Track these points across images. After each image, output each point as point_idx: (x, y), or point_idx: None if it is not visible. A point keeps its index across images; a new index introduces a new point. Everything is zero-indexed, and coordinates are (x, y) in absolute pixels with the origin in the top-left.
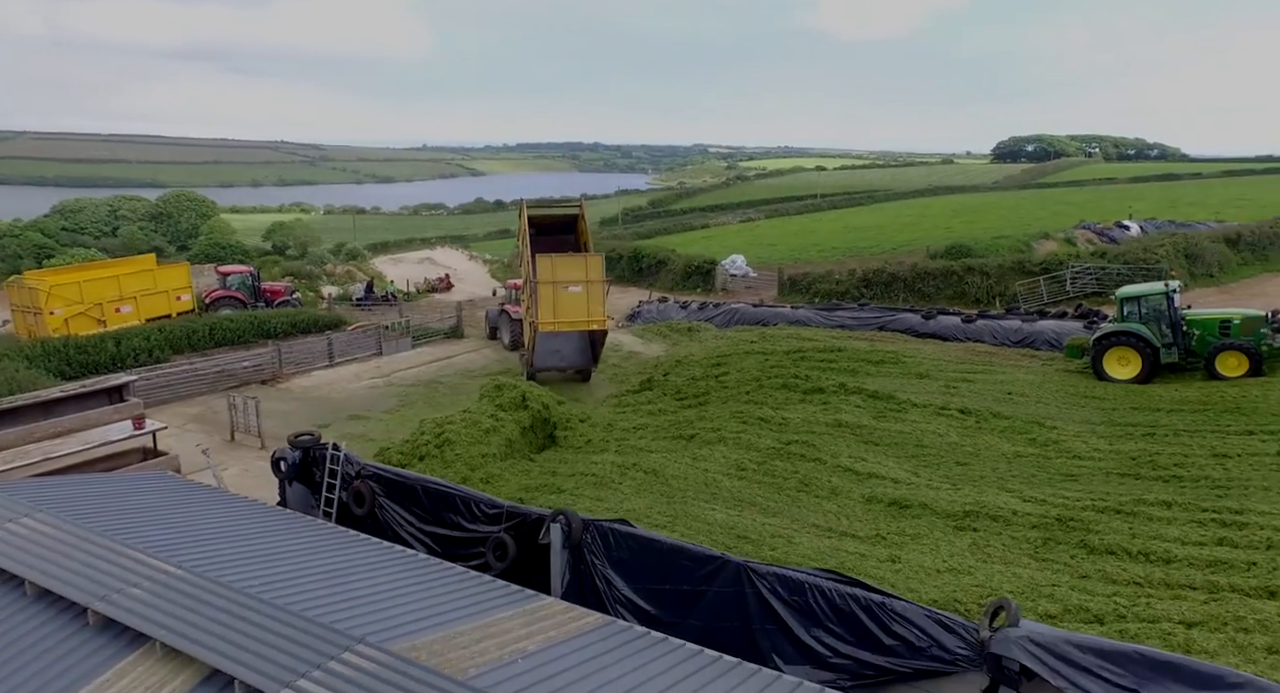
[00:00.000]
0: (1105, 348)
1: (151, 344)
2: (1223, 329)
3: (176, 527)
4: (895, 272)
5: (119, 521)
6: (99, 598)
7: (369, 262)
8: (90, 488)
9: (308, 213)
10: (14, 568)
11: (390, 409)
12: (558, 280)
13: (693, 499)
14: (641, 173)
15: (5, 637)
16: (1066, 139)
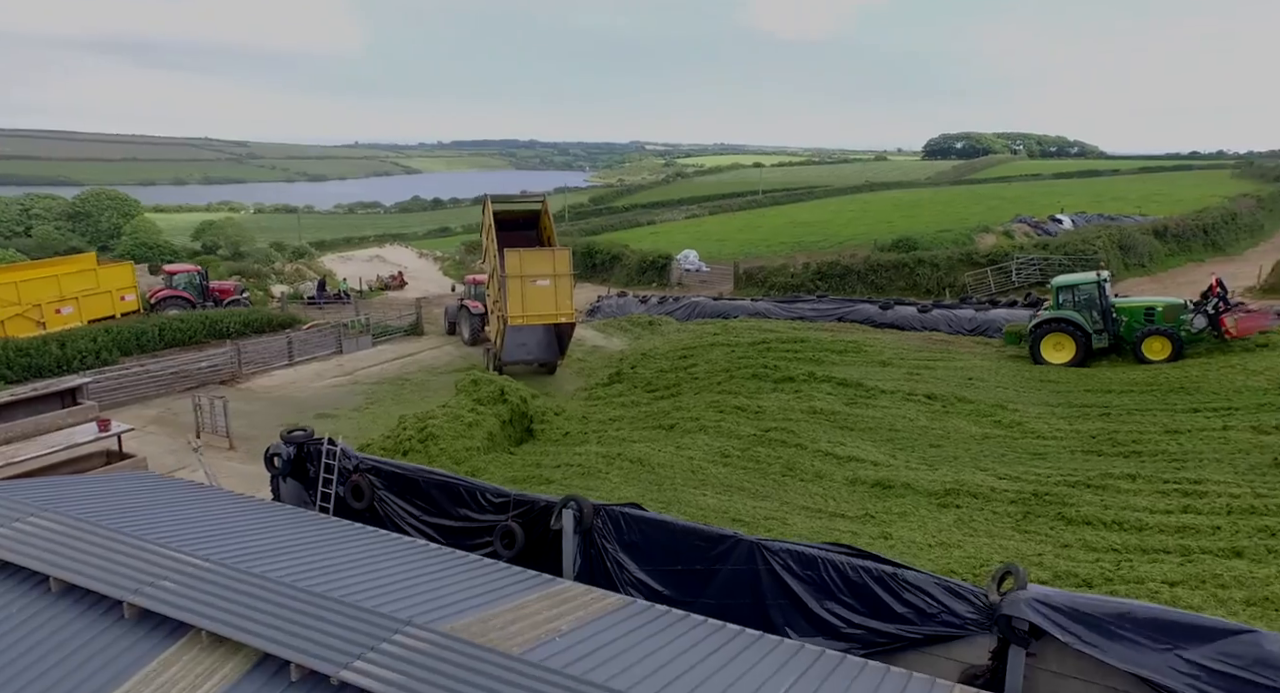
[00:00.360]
0: (1042, 334)
1: (98, 346)
2: (1147, 316)
3: (184, 523)
4: (849, 264)
5: (126, 518)
6: (132, 592)
7: (317, 260)
8: (83, 488)
9: (237, 212)
10: (36, 565)
11: (358, 407)
12: (526, 275)
13: (681, 486)
14: (579, 170)
15: (37, 634)
16: (993, 137)
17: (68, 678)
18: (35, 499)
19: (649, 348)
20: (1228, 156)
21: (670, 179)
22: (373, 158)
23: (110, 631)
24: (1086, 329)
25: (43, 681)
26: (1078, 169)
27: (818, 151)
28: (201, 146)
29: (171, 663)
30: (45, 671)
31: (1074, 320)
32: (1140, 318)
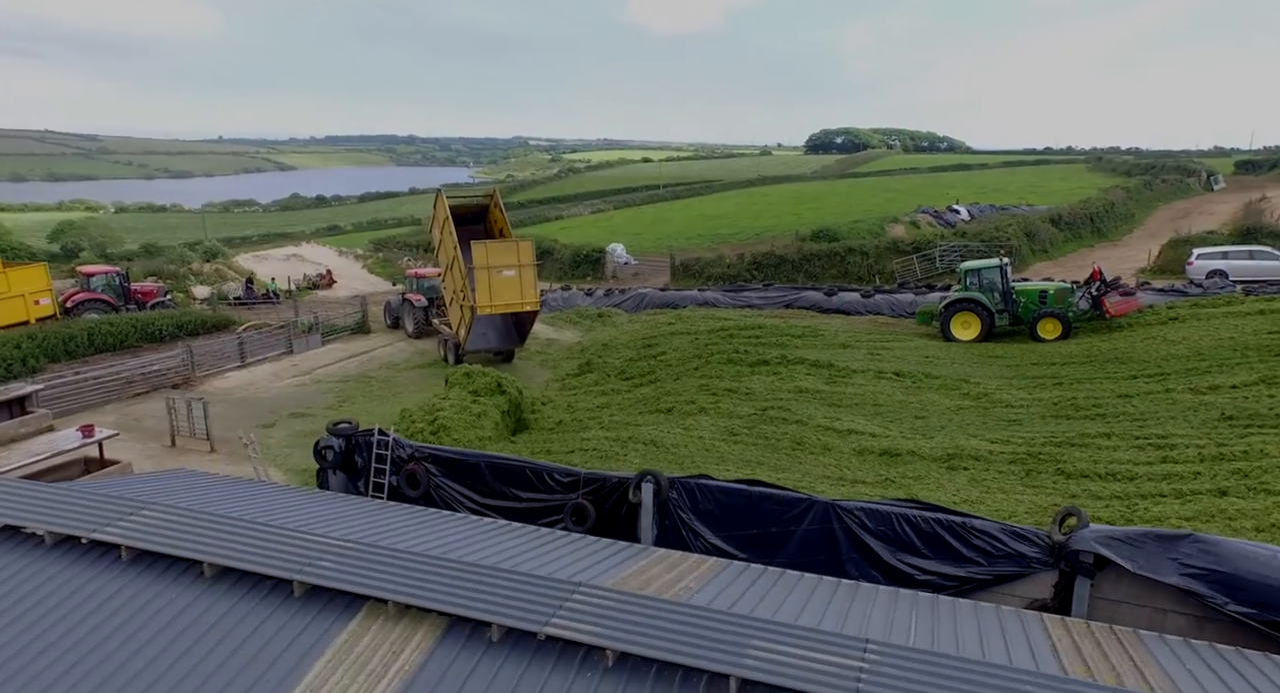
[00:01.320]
0: (951, 313)
1: (24, 352)
2: (1041, 299)
3: (281, 510)
4: (783, 254)
5: (228, 508)
6: (297, 571)
7: (233, 259)
8: (141, 486)
9: (95, 211)
10: (186, 553)
11: (330, 406)
12: (492, 266)
13: (701, 464)
14: (463, 166)
15: (207, 618)
16: (870, 132)
17: (260, 657)
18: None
19: (608, 339)
20: (1076, 152)
21: (563, 174)
22: (241, 153)
23: (283, 609)
24: (990, 309)
25: (236, 659)
26: (951, 164)
27: (702, 147)
28: (41, 139)
29: (360, 634)
30: (235, 649)
31: (980, 301)
32: (1035, 300)
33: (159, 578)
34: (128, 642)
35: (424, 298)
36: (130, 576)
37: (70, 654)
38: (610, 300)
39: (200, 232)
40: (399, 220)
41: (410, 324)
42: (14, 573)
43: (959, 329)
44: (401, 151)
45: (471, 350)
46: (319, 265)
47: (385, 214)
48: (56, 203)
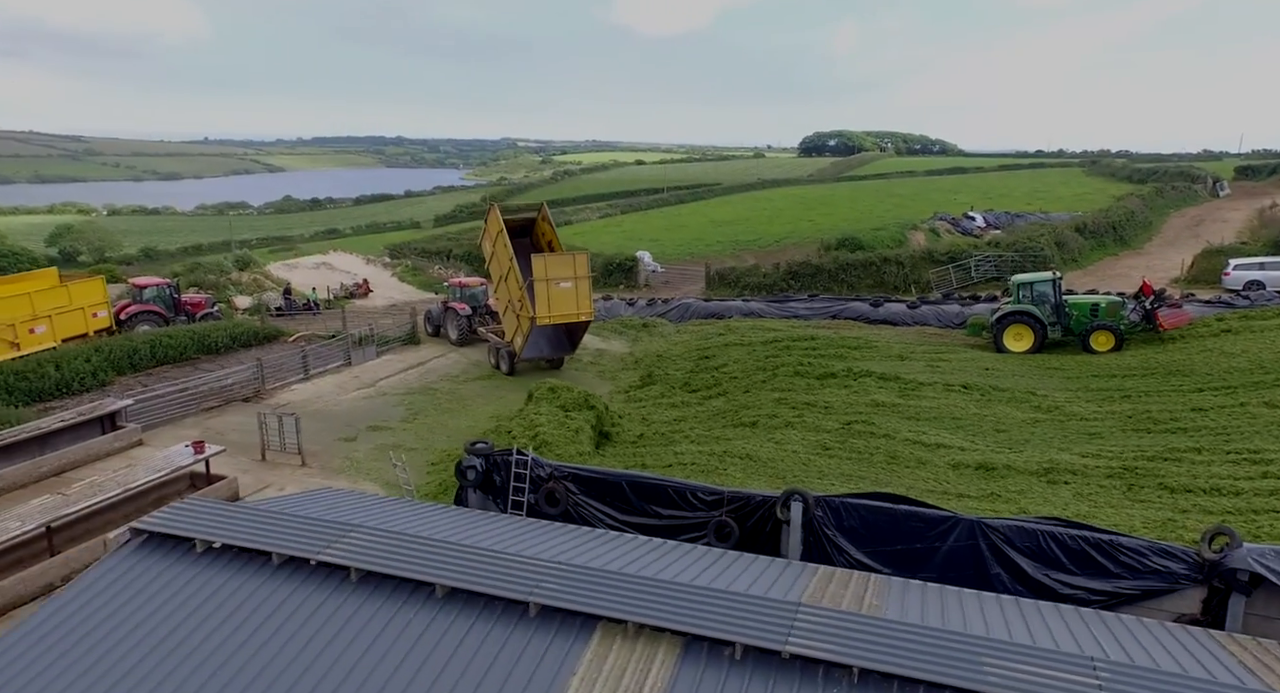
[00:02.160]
0: (1004, 325)
1: (93, 366)
2: (1093, 312)
3: (460, 530)
4: (820, 264)
5: (412, 527)
6: (527, 593)
7: (265, 268)
8: (313, 505)
9: (88, 214)
10: (419, 574)
11: (405, 419)
12: (551, 278)
13: (803, 478)
14: (453, 168)
15: (448, 636)
16: (863, 135)
17: (515, 671)
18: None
19: (661, 350)
20: (1068, 155)
21: (558, 177)
22: (229, 155)
23: (521, 629)
24: (1043, 321)
25: (491, 676)
26: (947, 167)
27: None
28: (27, 140)
29: (604, 653)
30: (487, 666)
31: (1034, 313)
32: (1087, 313)
33: (390, 598)
34: (382, 661)
35: (468, 306)
36: (361, 596)
37: (314, 671)
38: (654, 310)
39: (199, 235)
40: (398, 223)
41: (454, 332)
42: (252, 592)
43: (1011, 341)
44: (390, 153)
45: (526, 359)
46: (349, 274)
47: (383, 217)
48: (48, 206)
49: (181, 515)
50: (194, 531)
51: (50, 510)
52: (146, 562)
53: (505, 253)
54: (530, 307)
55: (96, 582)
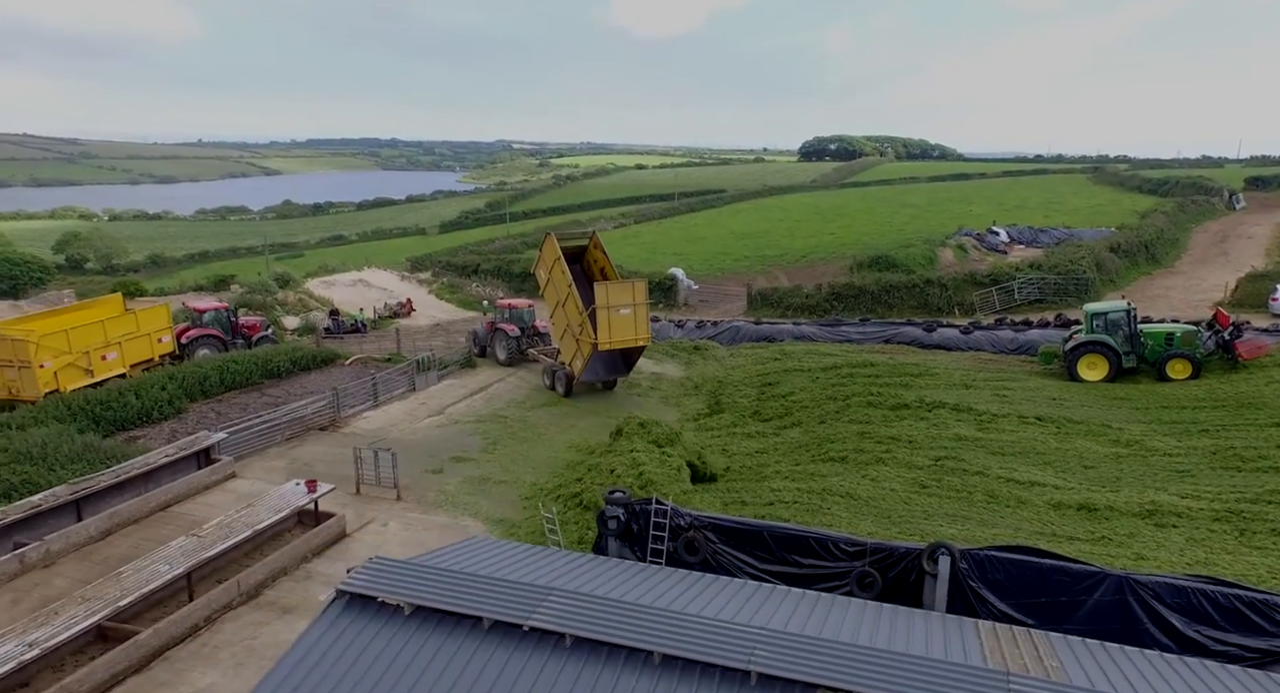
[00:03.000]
0: (1079, 355)
1: (169, 394)
2: (1168, 341)
3: (644, 587)
4: (863, 286)
5: (584, 584)
6: (747, 662)
7: (304, 286)
8: (481, 560)
9: (89, 219)
10: (637, 642)
11: (485, 450)
12: (612, 305)
13: (909, 518)
14: (449, 170)
15: None
16: (863, 139)
17: None
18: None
19: (720, 374)
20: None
21: (560, 182)
22: (224, 158)
23: None
24: (1118, 351)
25: None
26: (950, 173)
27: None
28: (21, 144)
29: None
30: None
31: (1109, 343)
32: (1162, 342)
33: (607, 665)
34: None
35: (516, 328)
36: (578, 662)
37: None
38: (704, 332)
39: (204, 242)
40: (403, 229)
41: (503, 353)
42: (469, 657)
43: (1086, 370)
44: (386, 155)
45: (584, 381)
46: (385, 290)
47: (388, 223)
48: (48, 211)
49: (381, 577)
50: (398, 594)
51: (192, 554)
52: (357, 624)
53: (564, 279)
54: (592, 332)
55: (313, 648)
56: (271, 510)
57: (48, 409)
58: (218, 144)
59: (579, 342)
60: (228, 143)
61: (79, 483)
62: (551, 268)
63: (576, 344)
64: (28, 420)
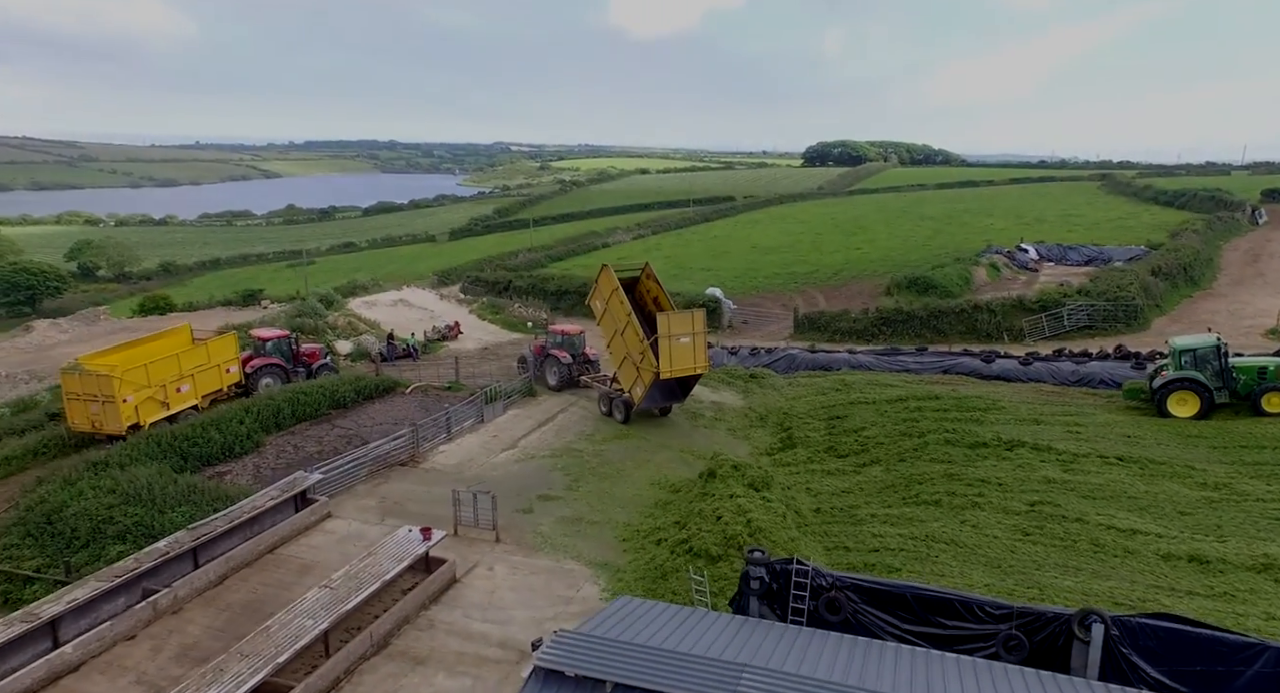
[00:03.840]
0: (1168, 391)
1: (247, 428)
2: (1260, 374)
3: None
4: (911, 311)
5: (789, 660)
6: None
7: (347, 307)
8: (639, 628)
9: (94, 224)
10: None
11: (569, 487)
12: (673, 335)
13: (1021, 568)
14: (449, 173)
15: None
16: (867, 145)
17: None
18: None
19: (783, 405)
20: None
21: (567, 189)
22: (224, 161)
23: None
24: (1209, 386)
25: None
26: (957, 180)
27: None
28: (22, 147)
29: None
30: None
31: (1200, 379)
32: (1255, 376)
33: None
34: None
35: (568, 354)
36: None
37: None
38: (759, 360)
39: (213, 248)
40: (413, 237)
41: (554, 378)
42: None
43: (1176, 406)
44: (384, 158)
45: (642, 408)
46: (426, 311)
47: (396, 231)
48: (55, 217)
49: (574, 652)
50: (597, 671)
51: (331, 607)
52: None
53: (622, 310)
54: (654, 361)
55: None
56: (394, 560)
57: (139, 446)
58: (216, 146)
59: (639, 369)
60: (226, 145)
61: (198, 528)
62: (609, 299)
63: (637, 372)
64: (125, 458)
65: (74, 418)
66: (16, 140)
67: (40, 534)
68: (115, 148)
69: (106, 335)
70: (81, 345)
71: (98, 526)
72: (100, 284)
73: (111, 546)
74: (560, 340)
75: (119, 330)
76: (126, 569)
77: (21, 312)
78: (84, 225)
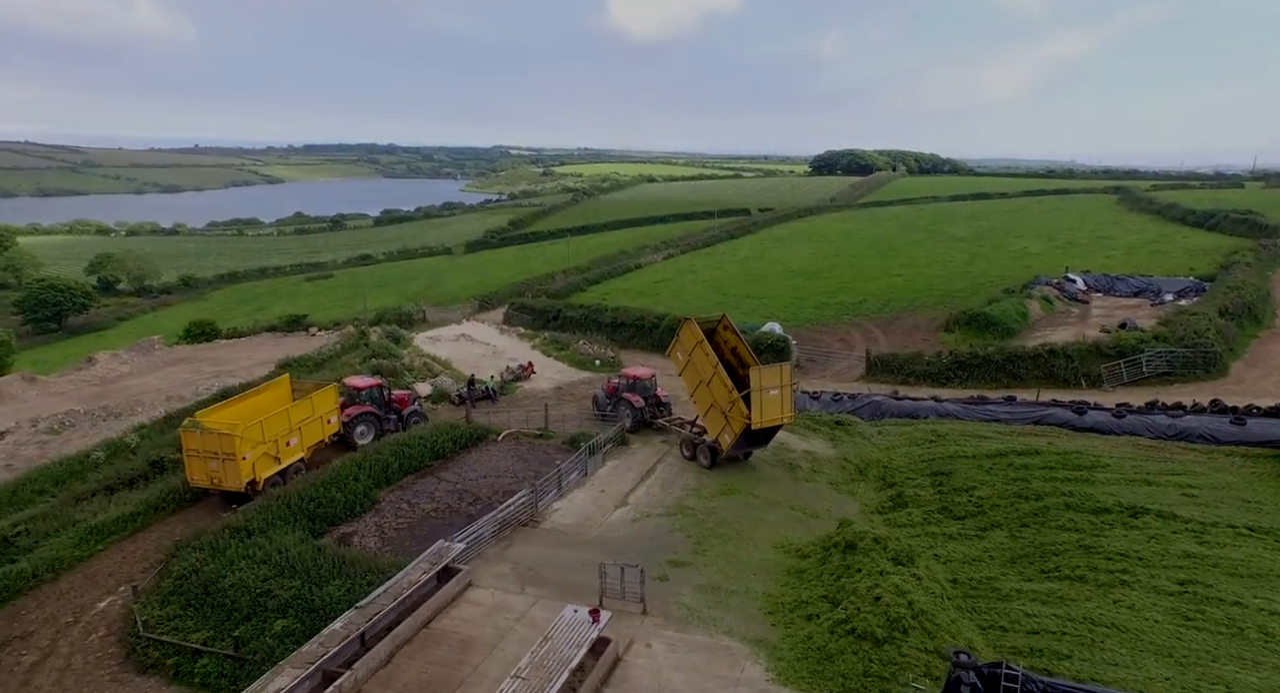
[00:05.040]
0: None
1: (363, 485)
2: None
3: None
4: (986, 355)
5: None
6: None
7: (413, 343)
8: None
9: (105, 233)
10: None
11: (695, 550)
12: (764, 387)
13: (1194, 660)
14: (450, 178)
15: None
16: (875, 154)
17: None
18: None
19: (879, 457)
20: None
21: (578, 198)
22: (226, 165)
23: None
24: None
25: None
26: (969, 191)
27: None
28: (25, 152)
29: None
30: None
31: None
32: None
33: None
34: None
35: (640, 398)
36: None
37: None
38: (842, 406)
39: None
40: (429, 249)
41: (627, 421)
42: None
43: None
44: (385, 162)
45: (728, 456)
46: (488, 346)
47: (410, 241)
48: (66, 225)
49: None
50: None
51: None
52: None
53: (708, 362)
54: (744, 412)
55: None
56: (573, 646)
57: (272, 509)
58: (215, 149)
59: (729, 418)
60: (225, 148)
61: (367, 608)
62: (692, 351)
63: (726, 420)
64: (261, 523)
65: (193, 475)
66: (19, 145)
67: (200, 606)
68: (118, 153)
69: (167, 365)
70: (144, 377)
71: (257, 599)
72: (121, 298)
73: (274, 620)
74: (632, 384)
75: (176, 360)
76: (316, 656)
77: (48, 327)
78: (95, 235)
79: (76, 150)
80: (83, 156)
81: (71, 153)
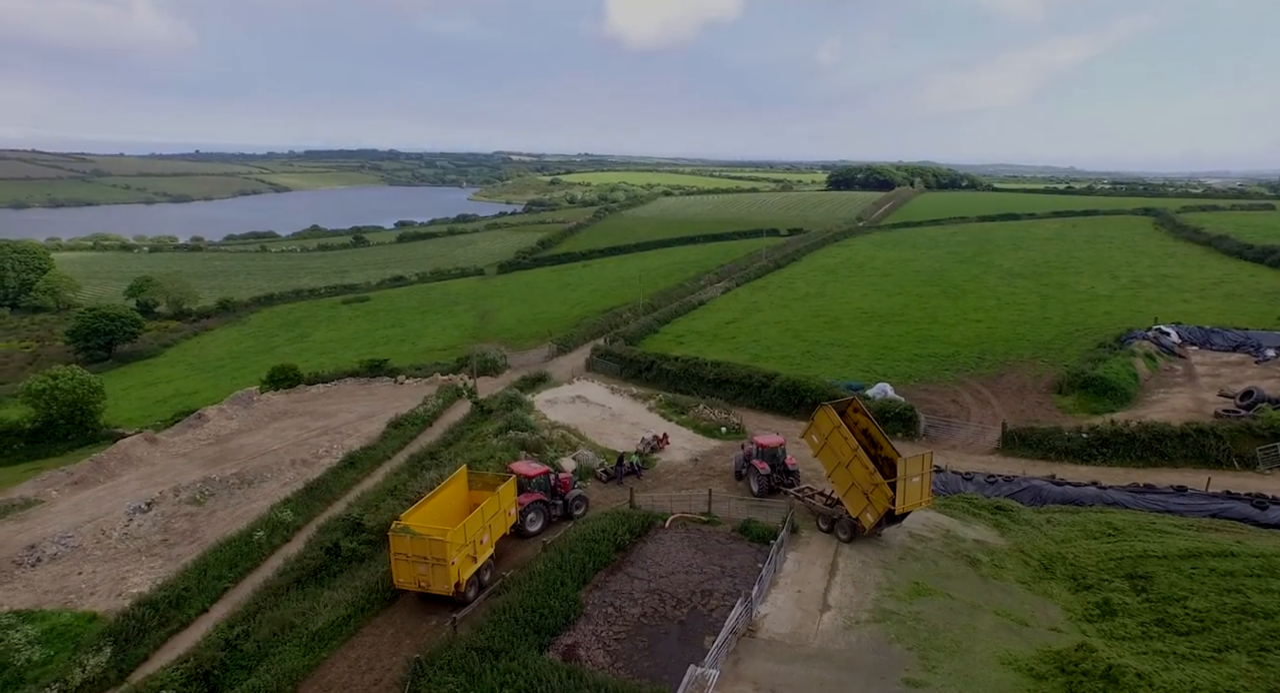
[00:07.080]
0: None
1: (567, 590)
2: None
3: None
4: (1131, 433)
5: None
6: None
7: (537, 410)
8: None
9: (129, 250)
10: None
11: (925, 667)
12: (907, 476)
13: None
14: (456, 186)
15: None
16: (892, 168)
17: None
18: None
19: (1057, 551)
20: (1098, 189)
21: (600, 215)
22: (232, 173)
23: None
24: None
25: None
26: (997, 211)
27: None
28: (33, 160)
29: None
30: None
31: None
32: None
33: None
34: None
35: (768, 465)
36: None
37: None
38: (998, 490)
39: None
40: (461, 270)
41: (755, 485)
42: None
43: None
44: (388, 168)
45: (865, 536)
46: (603, 408)
47: (440, 261)
48: (89, 240)
49: None
50: None
51: None
52: None
53: (846, 447)
54: (887, 495)
55: None
56: None
57: (500, 623)
58: (217, 155)
59: (870, 500)
60: (226, 153)
61: None
62: (829, 436)
63: (868, 501)
64: (499, 640)
65: (400, 577)
66: (28, 154)
67: None
68: (122, 160)
69: (271, 420)
70: (255, 435)
71: None
72: (161, 322)
73: None
74: (760, 452)
75: (279, 414)
76: None
77: (98, 355)
78: (119, 250)
79: (83, 158)
80: (91, 165)
81: (78, 160)
